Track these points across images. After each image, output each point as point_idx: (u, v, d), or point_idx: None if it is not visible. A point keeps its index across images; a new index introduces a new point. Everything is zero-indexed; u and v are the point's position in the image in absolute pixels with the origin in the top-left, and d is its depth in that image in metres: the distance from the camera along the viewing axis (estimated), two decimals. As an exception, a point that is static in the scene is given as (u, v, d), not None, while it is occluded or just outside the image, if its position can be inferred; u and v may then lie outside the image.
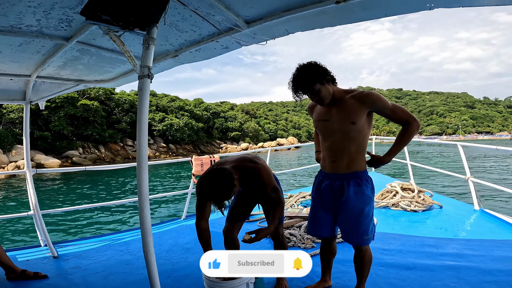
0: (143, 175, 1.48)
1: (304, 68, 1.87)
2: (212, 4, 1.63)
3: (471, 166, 4.34)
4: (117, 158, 39.05)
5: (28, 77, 2.74)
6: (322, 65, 1.89)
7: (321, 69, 1.87)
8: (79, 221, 8.73)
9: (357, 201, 1.91)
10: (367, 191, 1.94)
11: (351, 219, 1.95)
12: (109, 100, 43.63)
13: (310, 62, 1.89)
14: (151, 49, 1.54)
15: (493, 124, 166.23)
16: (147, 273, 1.50)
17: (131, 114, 44.37)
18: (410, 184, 4.94)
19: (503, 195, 9.91)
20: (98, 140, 38.91)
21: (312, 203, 2.17)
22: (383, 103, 1.87)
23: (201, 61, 2.51)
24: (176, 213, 9.00)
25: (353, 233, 1.97)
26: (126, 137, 43.35)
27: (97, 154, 37.47)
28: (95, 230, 7.87)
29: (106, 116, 41.75)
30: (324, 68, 1.89)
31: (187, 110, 54.38)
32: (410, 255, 2.91)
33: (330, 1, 1.48)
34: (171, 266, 2.95)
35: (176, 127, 47.04)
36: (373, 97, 1.85)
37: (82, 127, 37.65)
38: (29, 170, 3.33)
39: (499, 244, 3.11)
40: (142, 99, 1.52)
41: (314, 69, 1.86)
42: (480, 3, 1.37)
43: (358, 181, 1.93)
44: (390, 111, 1.89)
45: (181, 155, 45.53)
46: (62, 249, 3.53)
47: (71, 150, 34.74)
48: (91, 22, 1.43)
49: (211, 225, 2.27)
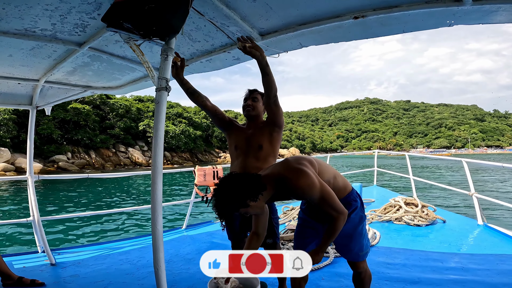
0: (157, 189, 1.42)
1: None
2: (228, 15, 1.64)
3: (477, 180, 4.35)
4: (107, 164, 38.07)
5: (36, 82, 2.73)
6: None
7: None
8: (78, 228, 8.60)
9: (347, 226, 1.76)
10: (352, 215, 1.84)
11: (343, 242, 1.91)
12: (104, 104, 42.94)
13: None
14: (169, 60, 1.53)
15: (503, 138, 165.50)
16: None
17: (126, 120, 43.64)
18: (414, 199, 4.94)
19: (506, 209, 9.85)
20: (89, 145, 37.98)
21: (298, 223, 2.06)
22: (308, 194, 1.62)
23: (210, 71, 2.52)
24: (177, 223, 8.92)
25: (349, 252, 1.95)
26: (119, 143, 42.39)
27: (87, 159, 36.66)
28: (95, 237, 7.75)
29: (99, 121, 41.00)
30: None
31: (185, 117, 53.51)
32: (415, 269, 2.89)
33: (348, 16, 1.49)
34: (172, 278, 2.88)
35: (171, 134, 45.98)
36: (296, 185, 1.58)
37: (73, 131, 36.90)
38: (31, 176, 3.28)
39: (503, 258, 3.10)
40: (160, 113, 1.47)
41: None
42: (498, 20, 1.39)
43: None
44: (316, 202, 1.64)
45: (176, 163, 44.70)
46: (60, 256, 3.46)
47: (60, 154, 33.92)
48: (112, 29, 1.42)
49: (218, 236, 2.24)
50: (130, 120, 45.23)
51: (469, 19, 1.43)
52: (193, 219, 9.09)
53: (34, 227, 3.36)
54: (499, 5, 1.28)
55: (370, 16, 1.45)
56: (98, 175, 4.18)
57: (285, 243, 3.57)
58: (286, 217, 4.75)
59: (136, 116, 46.79)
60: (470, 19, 1.43)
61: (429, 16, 1.46)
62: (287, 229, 3.91)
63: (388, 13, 1.43)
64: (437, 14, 1.41)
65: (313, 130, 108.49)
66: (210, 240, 3.99)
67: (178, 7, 1.34)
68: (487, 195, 4.49)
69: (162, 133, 1.46)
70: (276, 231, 2.22)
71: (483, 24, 1.41)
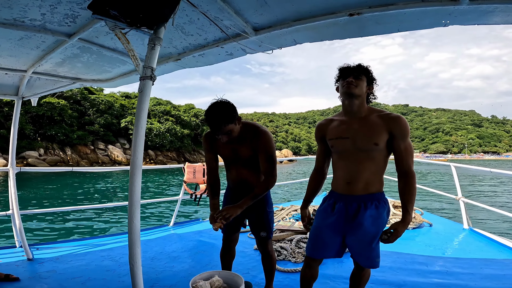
0: (135, 183, 1.38)
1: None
2: (222, 8, 1.62)
3: (465, 184, 4.40)
4: (83, 161, 36.76)
5: (23, 72, 2.66)
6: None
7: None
8: (61, 223, 8.43)
9: (373, 225, 1.78)
10: (383, 214, 1.82)
11: (364, 242, 1.82)
12: (84, 99, 41.51)
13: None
14: (157, 50, 1.48)
15: (500, 144, 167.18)
16: (132, 285, 1.41)
17: (107, 116, 42.30)
18: (401, 202, 4.96)
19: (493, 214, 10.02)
20: (64, 141, 36.64)
21: (316, 224, 1.97)
22: (404, 134, 1.72)
23: (203, 66, 2.48)
24: (164, 220, 8.82)
25: (367, 257, 1.85)
26: (98, 139, 41.09)
27: (61, 156, 35.44)
28: (78, 234, 7.60)
29: (78, 117, 39.64)
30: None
31: (173, 115, 51.29)
32: (401, 272, 2.90)
33: (343, 13, 1.48)
34: (155, 275, 2.83)
35: (155, 132, 44.46)
36: (401, 122, 1.71)
37: (47, 126, 35.44)
38: (13, 168, 3.21)
39: (488, 263, 3.14)
40: (142, 102, 1.43)
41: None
42: (494, 21, 1.40)
43: (376, 204, 1.80)
44: (404, 147, 1.73)
45: (160, 163, 43.49)
46: (38, 251, 3.38)
47: (31, 150, 32.67)
48: (97, 17, 1.38)
49: (206, 235, 2.21)
50: (112, 116, 43.85)
51: (465, 20, 1.43)
52: (181, 217, 9.01)
53: (13, 221, 3.27)
54: (496, 5, 1.28)
55: (366, 13, 1.45)
56: (82, 169, 4.08)
57: (273, 243, 3.52)
58: (276, 217, 4.72)
59: (119, 113, 45.38)
60: (466, 19, 1.43)
61: (424, 15, 1.45)
62: (276, 229, 3.89)
63: (384, 11, 1.43)
64: (433, 13, 1.41)
65: (309, 132, 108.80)
66: (198, 238, 3.94)
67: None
68: (475, 200, 4.56)
69: (143, 124, 1.42)
70: (270, 225, 2.22)
71: (478, 24, 1.42)
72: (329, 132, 1.89)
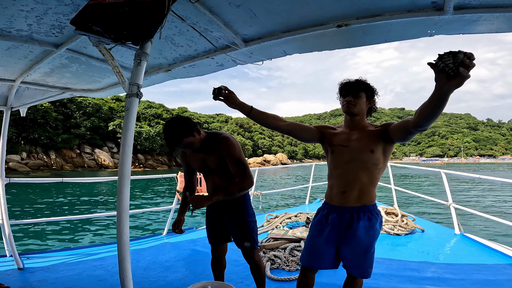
0: (123, 195, 1.35)
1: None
2: (211, 20, 1.62)
3: (457, 190, 4.44)
4: (67, 165, 35.75)
5: (12, 82, 2.64)
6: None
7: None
8: (52, 233, 8.29)
9: (366, 236, 1.81)
10: (376, 225, 1.85)
11: (357, 253, 1.85)
12: (71, 102, 40.57)
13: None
14: (143, 65, 1.45)
15: (496, 147, 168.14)
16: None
17: (94, 119, 41.41)
18: (394, 208, 5.01)
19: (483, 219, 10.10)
20: (48, 144, 35.68)
21: (311, 234, 1.99)
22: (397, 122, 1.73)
23: (194, 77, 2.49)
24: (158, 229, 8.72)
25: (360, 267, 1.88)
26: (85, 143, 40.21)
27: (45, 160, 34.51)
28: (69, 243, 7.48)
29: (63, 120, 38.71)
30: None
31: (164, 119, 50.43)
32: (393, 279, 2.91)
33: (331, 25, 1.50)
34: (148, 285, 2.81)
35: (145, 135, 43.69)
36: (392, 122, 1.76)
37: (30, 129, 34.54)
38: (2, 179, 3.16)
39: (479, 268, 3.17)
40: (129, 120, 1.39)
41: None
42: (478, 30, 1.42)
43: (368, 215, 1.83)
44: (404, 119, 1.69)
45: (149, 167, 42.81)
46: (29, 261, 3.34)
47: (13, 154, 31.88)
48: (80, 32, 1.35)
49: (200, 244, 2.20)
50: (100, 119, 43.09)
51: (450, 29, 1.45)
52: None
53: (3, 231, 3.23)
54: (480, 14, 1.30)
55: (354, 24, 1.47)
56: (72, 180, 4.03)
57: (267, 251, 3.51)
58: (270, 225, 4.71)
59: (107, 116, 44.63)
60: (451, 28, 1.45)
61: (410, 26, 1.48)
62: (269, 238, 3.87)
63: (371, 22, 1.45)
64: (419, 23, 1.44)
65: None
66: (192, 247, 3.90)
67: (152, 12, 1.29)
68: (466, 205, 4.60)
69: (131, 141, 1.39)
70: (253, 235, 2.20)
71: (463, 34, 1.44)
72: (332, 138, 1.93)
